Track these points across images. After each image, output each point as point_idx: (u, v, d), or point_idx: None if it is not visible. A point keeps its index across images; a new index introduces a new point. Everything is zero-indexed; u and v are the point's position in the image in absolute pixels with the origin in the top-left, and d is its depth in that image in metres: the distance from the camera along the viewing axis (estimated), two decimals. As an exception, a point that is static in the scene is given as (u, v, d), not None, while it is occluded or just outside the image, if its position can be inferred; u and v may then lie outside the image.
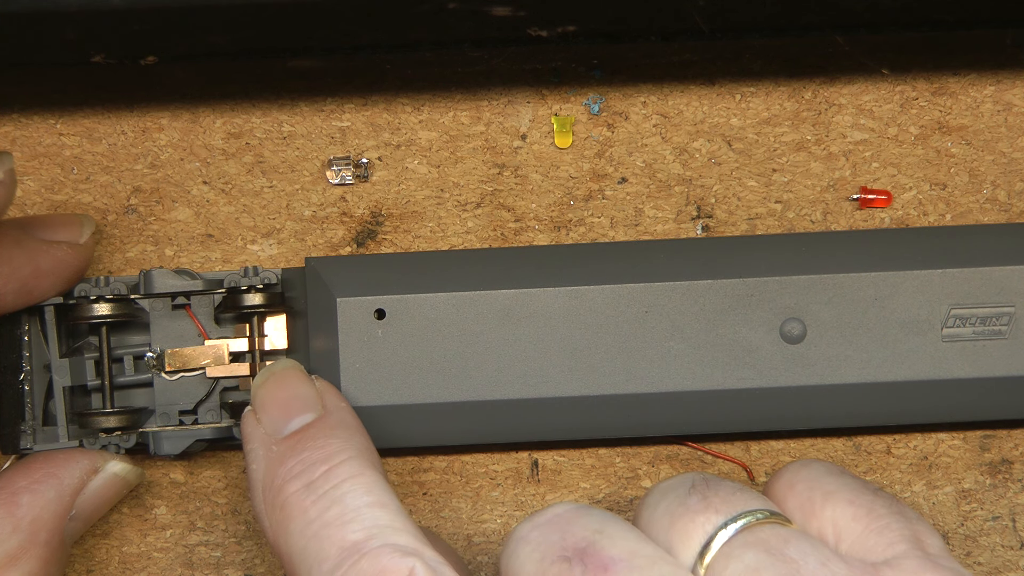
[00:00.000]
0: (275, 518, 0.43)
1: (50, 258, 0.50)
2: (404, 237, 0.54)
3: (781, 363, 0.51)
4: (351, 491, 0.43)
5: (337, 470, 0.43)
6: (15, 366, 0.52)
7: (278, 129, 0.54)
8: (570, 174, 0.54)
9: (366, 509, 0.42)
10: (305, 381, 0.48)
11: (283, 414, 0.46)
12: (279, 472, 0.44)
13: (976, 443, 0.54)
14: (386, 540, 0.41)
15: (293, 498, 0.43)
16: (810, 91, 0.54)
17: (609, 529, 0.41)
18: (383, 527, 0.41)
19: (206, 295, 0.52)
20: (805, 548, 0.40)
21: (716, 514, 0.41)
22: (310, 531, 0.42)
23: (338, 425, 0.46)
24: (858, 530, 0.42)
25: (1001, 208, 0.54)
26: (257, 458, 0.45)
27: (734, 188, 0.54)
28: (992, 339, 0.51)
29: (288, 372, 0.48)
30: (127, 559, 0.54)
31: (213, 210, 0.54)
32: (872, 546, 0.42)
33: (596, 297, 0.51)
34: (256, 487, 0.45)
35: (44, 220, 0.51)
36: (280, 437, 0.45)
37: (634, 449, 0.54)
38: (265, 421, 0.46)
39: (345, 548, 0.41)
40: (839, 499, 0.43)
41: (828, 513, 0.43)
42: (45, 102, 0.54)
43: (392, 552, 0.40)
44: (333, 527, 0.42)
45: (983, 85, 0.54)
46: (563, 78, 0.54)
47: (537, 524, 0.42)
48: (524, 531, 0.42)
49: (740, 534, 0.41)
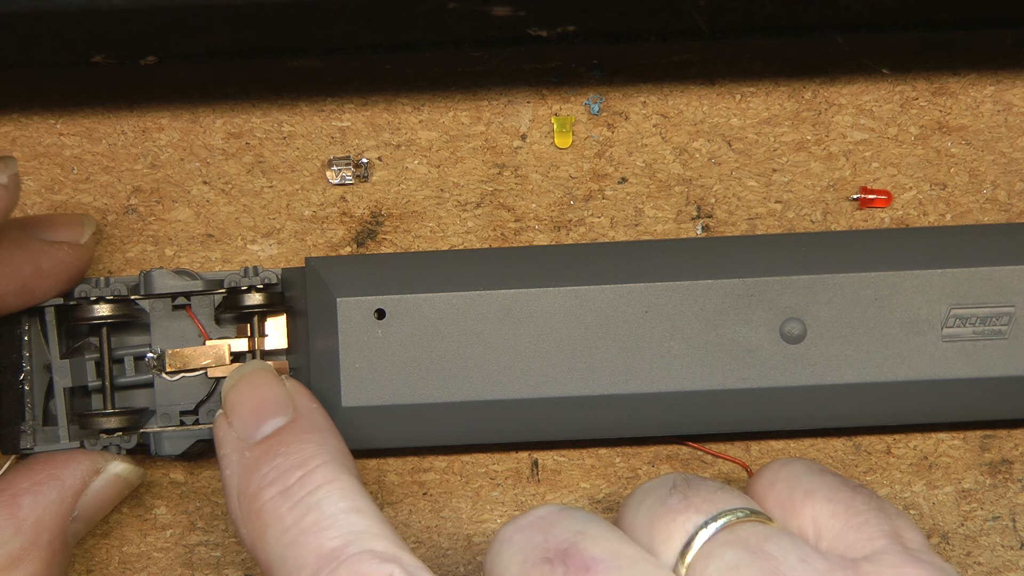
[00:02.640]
0: (251, 525, 0.43)
1: (51, 258, 0.50)
2: (404, 237, 0.54)
3: (781, 363, 0.51)
4: (327, 497, 0.43)
5: (312, 476, 0.43)
6: (15, 366, 0.52)
7: (278, 129, 0.54)
8: (570, 174, 0.54)
9: (342, 515, 0.42)
10: (276, 383, 0.47)
11: (255, 418, 0.46)
12: (253, 479, 0.44)
13: (976, 443, 0.54)
14: (364, 546, 0.41)
15: (269, 505, 0.43)
16: (810, 91, 0.54)
17: (591, 530, 0.41)
18: (360, 533, 0.41)
19: (206, 295, 0.52)
20: (785, 545, 0.40)
21: (696, 513, 0.41)
22: (287, 538, 0.42)
23: (311, 428, 0.45)
24: (837, 527, 0.43)
25: (1001, 208, 0.54)
26: (231, 464, 0.45)
27: (734, 188, 0.54)
28: (992, 339, 0.51)
29: (258, 374, 0.48)
30: (127, 559, 0.54)
31: (213, 210, 0.54)
32: (852, 542, 0.42)
33: (596, 297, 0.51)
34: (231, 493, 0.45)
35: (45, 220, 0.51)
36: (253, 442, 0.45)
37: (634, 449, 0.54)
38: (237, 425, 0.46)
39: (323, 555, 0.41)
40: (819, 496, 0.43)
41: (808, 511, 0.43)
42: (45, 102, 0.54)
43: (371, 559, 0.40)
44: (310, 534, 0.42)
45: (983, 85, 0.54)
46: (563, 78, 0.54)
47: (520, 526, 0.42)
48: (507, 533, 0.42)
49: (720, 533, 0.41)
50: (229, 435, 0.46)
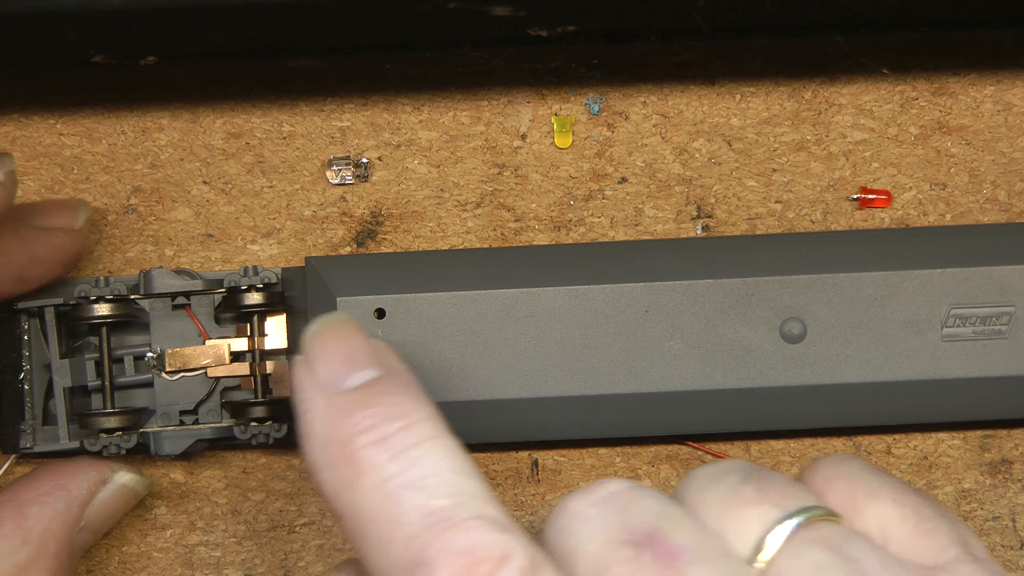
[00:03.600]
0: (340, 473, 0.39)
1: (45, 244, 0.50)
2: (404, 237, 0.54)
3: (781, 363, 0.51)
4: (432, 453, 0.38)
5: (414, 428, 0.39)
6: (15, 366, 0.52)
7: (278, 129, 0.54)
8: (570, 174, 0.54)
9: (450, 474, 0.38)
10: (364, 336, 0.42)
11: (344, 367, 0.41)
12: (345, 423, 0.39)
13: (976, 443, 0.54)
14: (477, 510, 0.37)
15: (364, 452, 0.38)
16: (810, 91, 0.54)
17: (672, 514, 0.38)
18: (471, 495, 0.37)
19: (206, 295, 0.52)
20: (864, 548, 0.38)
21: (774, 507, 0.39)
22: (385, 490, 0.38)
23: (406, 384, 0.40)
24: (906, 531, 0.40)
25: (1001, 208, 0.54)
26: (315, 407, 0.40)
27: (734, 188, 0.54)
28: (992, 339, 0.51)
29: (347, 324, 0.42)
30: (127, 559, 0.54)
31: (213, 210, 0.54)
32: (922, 549, 0.40)
33: (596, 297, 0.51)
34: (314, 438, 0.39)
35: (38, 207, 0.51)
36: (341, 390, 0.40)
37: (634, 449, 0.54)
38: (322, 372, 0.41)
39: (429, 513, 0.37)
40: (883, 498, 0.41)
41: (872, 512, 0.40)
42: (45, 102, 0.54)
43: (486, 525, 0.36)
44: (413, 489, 0.37)
45: (983, 85, 0.54)
46: (563, 78, 0.54)
47: (593, 500, 0.38)
48: (579, 506, 0.38)
49: (801, 530, 0.38)
50: (312, 380, 0.41)
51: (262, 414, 0.51)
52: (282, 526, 0.54)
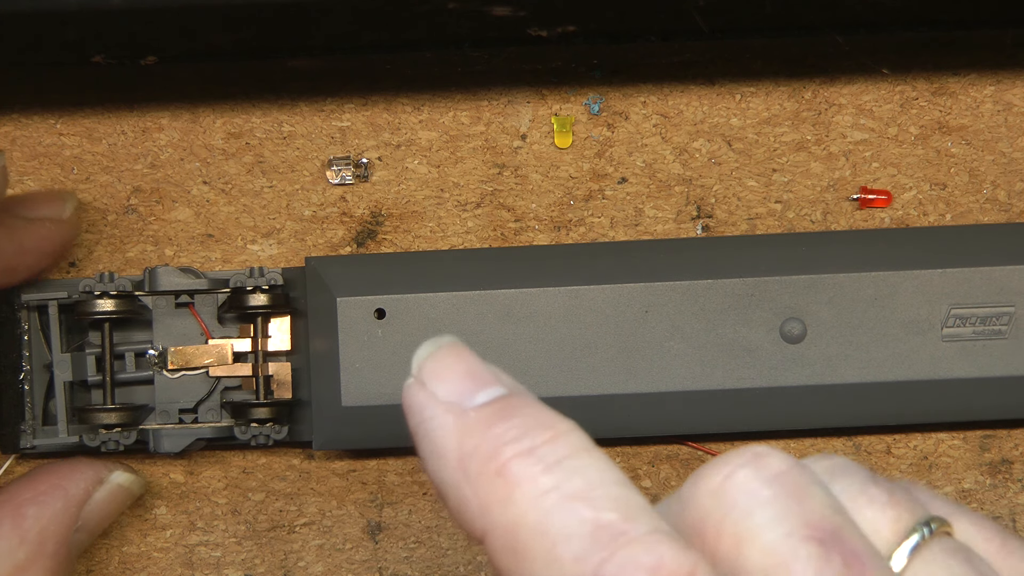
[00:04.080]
0: (487, 487, 0.36)
1: (32, 235, 0.50)
2: (404, 237, 0.54)
3: (781, 363, 0.51)
4: (590, 464, 0.36)
5: (565, 439, 0.36)
6: (15, 365, 0.52)
7: (278, 129, 0.54)
8: (570, 174, 0.54)
9: (613, 486, 0.35)
10: (478, 358, 0.40)
11: (470, 384, 0.39)
12: (487, 436, 0.37)
13: (976, 443, 0.54)
14: (654, 525, 0.34)
15: (515, 464, 0.36)
16: (810, 91, 0.54)
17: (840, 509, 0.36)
18: (639, 508, 0.35)
19: (209, 294, 0.52)
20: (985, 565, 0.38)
21: (906, 512, 0.37)
22: (547, 502, 0.35)
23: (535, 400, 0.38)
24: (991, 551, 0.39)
25: (1001, 208, 0.54)
26: (443, 425, 0.38)
27: (734, 188, 0.54)
28: (992, 339, 0.51)
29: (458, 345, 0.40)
30: (127, 559, 0.54)
31: (213, 210, 0.54)
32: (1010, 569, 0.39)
33: (596, 297, 0.51)
34: (447, 455, 0.37)
35: (25, 198, 0.51)
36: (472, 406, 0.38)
37: (634, 449, 0.54)
38: (444, 392, 0.38)
39: (600, 527, 0.35)
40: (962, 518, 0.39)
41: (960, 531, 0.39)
42: (45, 102, 0.54)
43: (670, 541, 0.34)
44: (579, 501, 0.35)
45: (983, 85, 0.54)
46: (563, 78, 0.54)
47: (766, 478, 0.35)
48: (750, 483, 0.35)
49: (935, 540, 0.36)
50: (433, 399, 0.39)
51: (264, 415, 0.51)
52: (282, 526, 0.54)
